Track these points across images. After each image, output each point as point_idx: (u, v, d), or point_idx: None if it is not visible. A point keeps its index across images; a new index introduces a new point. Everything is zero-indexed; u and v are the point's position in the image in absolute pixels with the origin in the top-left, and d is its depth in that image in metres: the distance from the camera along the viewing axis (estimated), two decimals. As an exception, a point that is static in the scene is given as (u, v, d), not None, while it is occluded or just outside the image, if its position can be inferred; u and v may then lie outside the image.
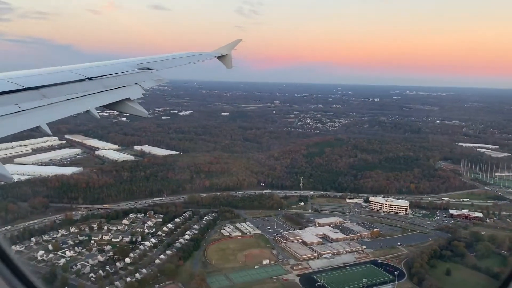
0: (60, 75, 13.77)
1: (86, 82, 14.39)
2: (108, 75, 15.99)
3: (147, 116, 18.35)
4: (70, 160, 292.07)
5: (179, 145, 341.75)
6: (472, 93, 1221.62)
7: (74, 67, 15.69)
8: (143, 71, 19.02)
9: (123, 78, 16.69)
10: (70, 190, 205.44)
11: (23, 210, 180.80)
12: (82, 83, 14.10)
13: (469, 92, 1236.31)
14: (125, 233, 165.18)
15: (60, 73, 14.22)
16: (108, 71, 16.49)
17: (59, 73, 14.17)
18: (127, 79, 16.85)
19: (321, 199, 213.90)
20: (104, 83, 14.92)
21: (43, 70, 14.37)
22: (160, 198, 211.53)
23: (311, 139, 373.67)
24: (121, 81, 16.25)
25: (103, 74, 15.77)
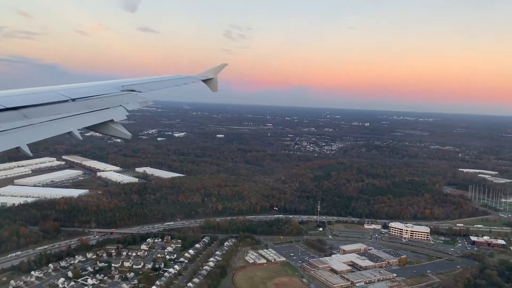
0: (43, 96, 13.46)
1: (70, 103, 14.09)
2: (92, 97, 15.72)
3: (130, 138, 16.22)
4: (72, 181, 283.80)
5: (181, 167, 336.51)
6: (458, 119, 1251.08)
7: (58, 88, 15.44)
8: (128, 93, 18.73)
9: (107, 100, 16.32)
10: (80, 213, 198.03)
11: (34, 234, 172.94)
12: (65, 104, 13.78)
13: (455, 118, 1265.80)
14: (145, 259, 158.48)
15: (43, 94, 13.91)
16: (92, 92, 16.26)
17: (42, 94, 13.87)
18: (111, 101, 16.46)
19: (339, 225, 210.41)
20: (87, 104, 14.67)
21: (26, 90, 14.04)
22: (173, 223, 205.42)
23: (314, 162, 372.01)
24: (105, 102, 15.87)
25: (87, 95, 15.54)
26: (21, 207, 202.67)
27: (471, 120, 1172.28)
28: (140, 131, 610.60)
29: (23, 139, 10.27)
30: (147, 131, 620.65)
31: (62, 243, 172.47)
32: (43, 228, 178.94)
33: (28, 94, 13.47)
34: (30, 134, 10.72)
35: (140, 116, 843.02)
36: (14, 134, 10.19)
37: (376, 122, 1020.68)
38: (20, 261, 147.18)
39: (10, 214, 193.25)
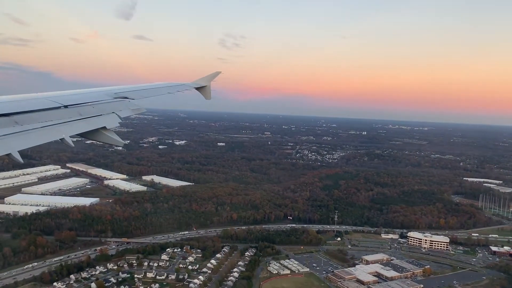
0: (35, 102, 13.38)
1: (62, 109, 13.98)
2: (85, 103, 15.61)
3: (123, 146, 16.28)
4: (80, 189, 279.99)
5: (188, 176, 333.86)
6: (452, 128, 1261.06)
7: (50, 95, 15.32)
8: (120, 100, 18.62)
9: (100, 107, 16.19)
10: (95, 222, 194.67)
11: (51, 244, 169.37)
12: (57, 111, 13.64)
13: (449, 127, 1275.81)
14: (167, 269, 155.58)
15: (35, 100, 13.82)
16: (85, 99, 16.16)
17: (33, 100, 13.78)
18: (103, 108, 16.32)
19: (356, 235, 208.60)
20: (80, 111, 14.58)
21: (17, 96, 13.95)
22: (187, 232, 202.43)
23: (320, 171, 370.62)
24: (98, 109, 15.75)
25: (79, 102, 15.45)
26: (34, 216, 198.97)
27: (465, 129, 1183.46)
28: (140, 139, 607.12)
29: (14, 145, 10.08)
30: (147, 139, 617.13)
31: (78, 253, 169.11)
32: (59, 238, 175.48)
33: (19, 101, 13.31)
34: (22, 141, 10.56)
35: (138, 124, 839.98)
36: (5, 141, 10.02)
37: (373, 131, 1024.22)
38: (42, 272, 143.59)
39: (24, 223, 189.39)
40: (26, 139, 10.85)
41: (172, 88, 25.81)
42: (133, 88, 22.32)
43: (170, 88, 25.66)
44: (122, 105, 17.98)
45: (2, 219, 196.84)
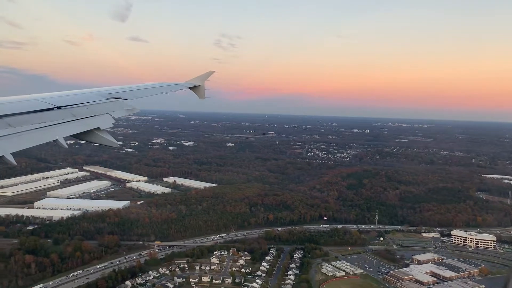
0: (27, 104, 13.29)
1: (55, 111, 13.86)
2: (78, 104, 15.47)
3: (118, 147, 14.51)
4: (105, 192, 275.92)
5: (209, 177, 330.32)
6: (452, 125, 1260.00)
7: (43, 96, 15.15)
8: (114, 100, 18.43)
9: (93, 108, 16.01)
10: (134, 225, 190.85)
11: (96, 249, 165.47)
12: (50, 112, 13.52)
13: (448, 124, 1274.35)
14: (220, 273, 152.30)
15: (28, 102, 13.68)
16: (78, 100, 16.04)
17: (26, 102, 13.66)
18: (97, 109, 16.14)
19: (397, 234, 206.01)
20: (73, 112, 14.43)
21: (10, 98, 13.85)
22: (225, 234, 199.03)
23: (340, 170, 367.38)
24: (91, 110, 15.60)
25: (72, 103, 15.30)
26: (71, 220, 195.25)
27: (465, 126, 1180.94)
28: (148, 140, 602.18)
29: (7, 148, 9.94)
30: (155, 140, 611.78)
31: (122, 258, 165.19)
32: (102, 242, 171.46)
33: (12, 103, 13.26)
34: (15, 143, 10.43)
35: (140, 125, 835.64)
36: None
37: (375, 129, 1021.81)
38: (97, 279, 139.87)
39: (62, 228, 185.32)
40: (19, 141, 10.69)
41: (166, 88, 25.66)
42: (126, 88, 22.07)
43: (163, 88, 25.50)
44: (115, 105, 17.79)
45: (38, 224, 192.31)
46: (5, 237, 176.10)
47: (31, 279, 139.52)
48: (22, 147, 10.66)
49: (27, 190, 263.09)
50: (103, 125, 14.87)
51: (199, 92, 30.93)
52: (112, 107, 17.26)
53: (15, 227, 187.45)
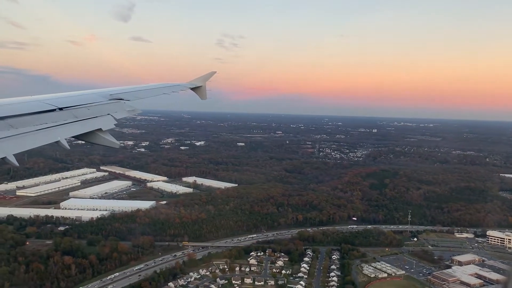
0: (29, 105, 13.35)
1: (57, 112, 13.80)
2: (80, 106, 15.48)
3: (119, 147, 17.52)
4: (126, 193, 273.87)
5: (228, 177, 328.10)
6: (457, 124, 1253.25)
7: (45, 97, 15.15)
8: (116, 101, 18.45)
9: (95, 109, 16.08)
10: (166, 226, 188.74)
11: (132, 250, 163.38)
12: (52, 113, 13.46)
13: (454, 124, 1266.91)
14: (261, 274, 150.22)
15: (30, 103, 13.74)
16: (80, 101, 16.07)
17: (28, 103, 13.71)
18: (99, 110, 16.18)
19: (430, 234, 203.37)
20: (75, 113, 14.47)
21: (12, 99, 13.91)
22: (255, 235, 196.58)
23: (358, 170, 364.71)
24: (93, 111, 15.65)
25: (74, 104, 15.28)
26: (101, 221, 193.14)
27: (470, 125, 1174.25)
28: (158, 140, 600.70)
29: (9, 149, 9.93)
30: (165, 140, 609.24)
31: (157, 259, 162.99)
32: (136, 243, 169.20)
33: (14, 104, 13.31)
34: (17, 144, 10.42)
35: (147, 125, 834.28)
36: (0, 144, 9.93)
37: (381, 128, 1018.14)
38: (140, 280, 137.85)
39: (93, 228, 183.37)
40: (21, 142, 10.71)
41: (168, 89, 25.71)
42: (128, 89, 22.03)
43: (165, 89, 25.54)
44: (117, 106, 17.77)
45: (68, 225, 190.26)
46: (38, 238, 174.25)
47: (72, 280, 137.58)
48: (24, 148, 10.62)
49: (49, 190, 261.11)
50: (105, 126, 14.84)
51: (201, 93, 30.96)
52: (114, 108, 17.25)
53: (46, 227, 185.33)
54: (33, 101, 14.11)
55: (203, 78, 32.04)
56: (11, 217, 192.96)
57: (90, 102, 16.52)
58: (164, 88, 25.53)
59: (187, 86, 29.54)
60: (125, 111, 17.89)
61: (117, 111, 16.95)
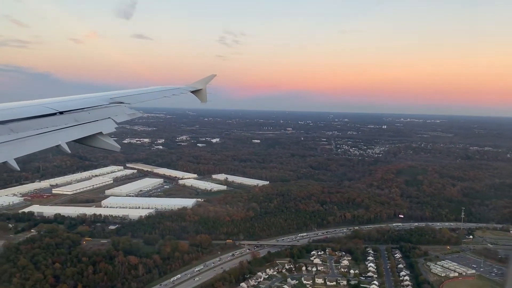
0: (30, 109, 13.26)
1: (57, 116, 13.76)
2: (80, 109, 15.39)
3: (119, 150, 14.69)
4: (161, 190, 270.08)
5: (257, 174, 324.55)
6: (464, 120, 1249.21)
7: (45, 101, 15.13)
8: (116, 105, 18.32)
9: (96, 112, 15.92)
10: (219, 224, 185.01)
11: (193, 249, 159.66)
12: (53, 118, 13.44)
13: (460, 119, 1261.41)
14: (328, 274, 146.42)
15: (30, 107, 13.62)
16: (80, 105, 15.93)
17: (29, 107, 13.59)
18: (99, 113, 16.07)
19: (486, 232, 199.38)
20: (75, 117, 14.35)
21: (12, 104, 13.90)
22: (305, 234, 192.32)
23: (386, 166, 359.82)
24: (94, 115, 15.49)
25: (75, 108, 15.18)
26: (151, 219, 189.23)
27: (477, 121, 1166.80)
28: (172, 137, 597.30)
29: (10, 153, 10.05)
30: (179, 137, 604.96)
31: (215, 259, 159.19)
32: (194, 242, 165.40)
33: (15, 108, 13.23)
34: (17, 148, 10.51)
35: (156, 122, 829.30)
36: (1, 149, 9.98)
37: (390, 124, 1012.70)
38: (214, 280, 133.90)
39: (145, 227, 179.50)
40: (22, 146, 10.71)
41: (168, 92, 25.94)
42: (128, 92, 22.09)
43: (165, 92, 25.77)
44: (118, 110, 17.73)
45: (119, 224, 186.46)
46: (91, 236, 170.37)
47: (140, 281, 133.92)
48: (25, 152, 10.61)
49: (84, 188, 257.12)
50: (106, 129, 14.79)
51: (201, 96, 31.11)
52: (114, 111, 17.17)
53: (97, 226, 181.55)
54: (33, 105, 14.02)
55: (204, 81, 32.19)
56: (59, 216, 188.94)
57: (91, 105, 16.39)
58: (164, 91, 25.72)
59: (187, 89, 29.58)
60: (126, 114, 17.75)
61: (117, 115, 16.86)
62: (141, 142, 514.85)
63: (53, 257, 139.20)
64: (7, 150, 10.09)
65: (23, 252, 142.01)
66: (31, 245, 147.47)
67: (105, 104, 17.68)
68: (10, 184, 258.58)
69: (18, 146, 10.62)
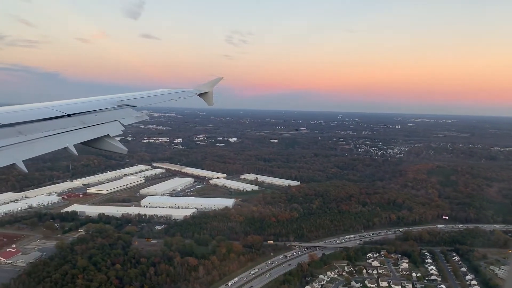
0: (38, 112, 13.48)
1: (65, 118, 13.86)
2: (88, 112, 15.42)
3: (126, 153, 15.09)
4: (193, 190, 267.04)
5: (286, 173, 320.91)
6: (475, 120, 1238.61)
7: (53, 104, 15.20)
8: (123, 108, 18.29)
9: (103, 115, 15.95)
10: (266, 225, 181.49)
11: (245, 251, 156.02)
12: (60, 120, 13.55)
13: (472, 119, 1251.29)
14: (390, 277, 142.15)
15: (38, 110, 13.86)
16: (88, 107, 16.04)
17: (37, 110, 13.86)
18: (106, 116, 16.04)
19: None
20: (83, 119, 14.38)
21: (21, 106, 14.21)
22: (353, 236, 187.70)
23: (414, 166, 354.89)
24: (101, 117, 15.49)
25: (82, 110, 15.27)
26: (196, 219, 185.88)
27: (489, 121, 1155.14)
28: (189, 136, 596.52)
29: (18, 155, 10.10)
30: (197, 137, 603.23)
31: (269, 260, 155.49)
32: (245, 243, 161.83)
33: (23, 111, 13.49)
34: (25, 151, 10.58)
35: (168, 122, 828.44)
36: (9, 151, 10.07)
37: (403, 124, 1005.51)
38: (277, 282, 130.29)
39: (193, 227, 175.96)
40: (30, 148, 10.77)
41: (175, 95, 26.01)
42: (135, 95, 22.12)
43: (172, 95, 25.79)
44: (125, 112, 17.69)
45: (165, 224, 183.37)
46: (140, 237, 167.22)
47: (201, 282, 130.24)
48: (33, 155, 10.61)
49: (117, 188, 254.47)
50: (113, 132, 14.66)
51: (208, 99, 31.08)
52: (121, 114, 17.22)
53: (144, 226, 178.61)
54: (41, 108, 14.12)
55: (210, 84, 32.11)
56: (103, 216, 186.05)
57: (98, 108, 16.39)
58: (171, 94, 25.73)
59: (194, 92, 29.57)
60: (133, 117, 17.70)
61: (124, 117, 16.84)
62: (160, 142, 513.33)
63: (111, 258, 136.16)
64: (15, 152, 10.09)
65: (78, 253, 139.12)
66: (85, 245, 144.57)
67: (112, 107, 17.65)
68: (44, 183, 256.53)
69: (26, 148, 10.63)
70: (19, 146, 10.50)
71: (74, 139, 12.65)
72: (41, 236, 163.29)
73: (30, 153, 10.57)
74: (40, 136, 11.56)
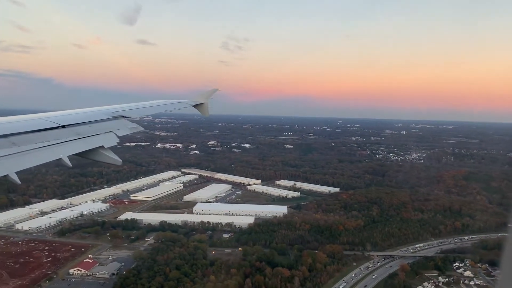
0: (32, 123, 13.21)
1: (59, 130, 13.69)
2: (82, 123, 15.20)
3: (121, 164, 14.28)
4: (235, 196, 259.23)
5: (322, 180, 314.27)
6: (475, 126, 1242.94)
7: (47, 115, 15.04)
8: (118, 119, 18.19)
9: (97, 126, 15.78)
10: (336, 233, 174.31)
11: (328, 260, 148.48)
12: (54, 131, 13.37)
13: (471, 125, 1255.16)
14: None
15: (32, 121, 13.56)
16: (82, 119, 15.78)
17: (31, 121, 13.54)
18: (101, 127, 15.89)
19: None
20: (77, 131, 14.17)
21: (15, 117, 13.86)
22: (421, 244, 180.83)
23: (448, 172, 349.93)
24: (95, 129, 15.33)
25: (77, 121, 15.05)
26: (261, 227, 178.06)
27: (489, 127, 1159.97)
28: (202, 142, 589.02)
29: (12, 167, 9.91)
30: (208, 143, 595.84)
31: (357, 270, 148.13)
32: (325, 252, 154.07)
33: (17, 122, 13.28)
34: (19, 162, 10.40)
35: (173, 127, 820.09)
36: (2, 162, 9.89)
37: (407, 130, 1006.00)
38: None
39: (264, 235, 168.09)
40: (24, 160, 10.62)
41: (170, 106, 26.21)
42: (130, 106, 22.04)
43: (168, 106, 25.93)
44: (119, 124, 17.49)
45: (231, 231, 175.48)
46: (211, 246, 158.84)
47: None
48: (26, 166, 10.42)
49: (160, 194, 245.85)
50: (107, 143, 14.33)
51: (203, 109, 30.91)
52: (116, 125, 16.93)
53: (212, 235, 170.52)
54: (35, 119, 13.85)
55: (206, 95, 31.98)
56: (165, 224, 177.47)
57: (93, 119, 16.11)
58: (166, 105, 25.71)
59: (189, 103, 29.54)
60: (128, 128, 17.38)
61: (119, 129, 16.54)
62: (175, 147, 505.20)
63: (199, 268, 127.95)
64: (9, 163, 9.86)
65: (161, 264, 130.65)
66: (166, 255, 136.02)
67: (107, 118, 17.38)
68: (82, 189, 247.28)
69: (19, 159, 10.38)
70: (12, 157, 10.23)
71: (68, 150, 12.34)
72: (110, 246, 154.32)
73: (24, 164, 10.26)
74: (34, 147, 11.33)
